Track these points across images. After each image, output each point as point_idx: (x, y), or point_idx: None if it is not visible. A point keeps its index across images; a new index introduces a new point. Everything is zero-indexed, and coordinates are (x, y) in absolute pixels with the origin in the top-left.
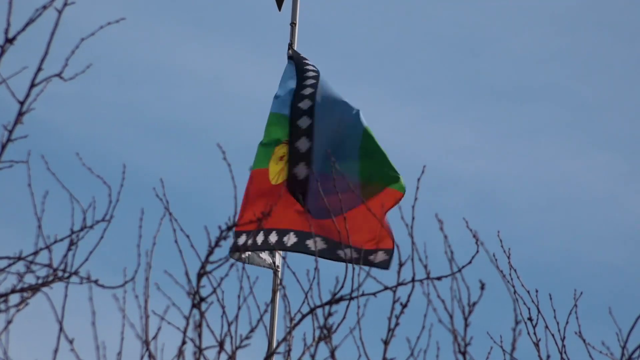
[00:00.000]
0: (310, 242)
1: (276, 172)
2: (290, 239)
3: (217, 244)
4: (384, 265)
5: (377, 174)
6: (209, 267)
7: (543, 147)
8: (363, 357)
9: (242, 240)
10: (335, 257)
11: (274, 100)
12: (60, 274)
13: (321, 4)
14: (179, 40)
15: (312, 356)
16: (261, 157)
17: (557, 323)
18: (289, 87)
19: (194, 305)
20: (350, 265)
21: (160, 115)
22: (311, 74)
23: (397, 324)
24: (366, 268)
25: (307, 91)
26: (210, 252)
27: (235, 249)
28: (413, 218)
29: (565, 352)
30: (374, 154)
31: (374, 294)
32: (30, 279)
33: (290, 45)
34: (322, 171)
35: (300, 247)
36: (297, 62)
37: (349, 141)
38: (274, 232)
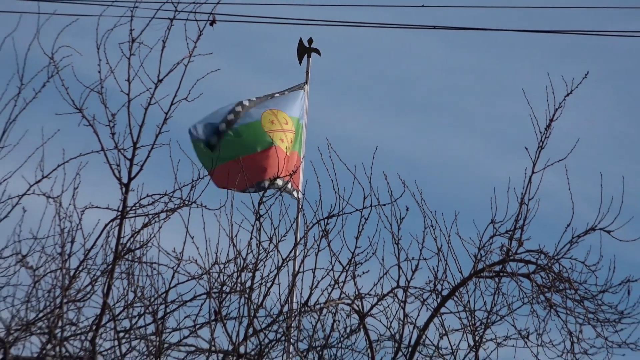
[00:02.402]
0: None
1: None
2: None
3: (268, 188)
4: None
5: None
6: (264, 199)
7: (443, 136)
8: (345, 247)
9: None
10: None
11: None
12: (187, 202)
13: (323, 59)
14: (243, 77)
15: (318, 246)
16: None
17: (447, 228)
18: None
19: (256, 219)
20: (338, 197)
21: None
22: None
23: (362, 229)
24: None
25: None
26: (264, 191)
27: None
28: (371, 174)
29: (450, 243)
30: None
31: (350, 213)
32: (170, 205)
33: (305, 83)
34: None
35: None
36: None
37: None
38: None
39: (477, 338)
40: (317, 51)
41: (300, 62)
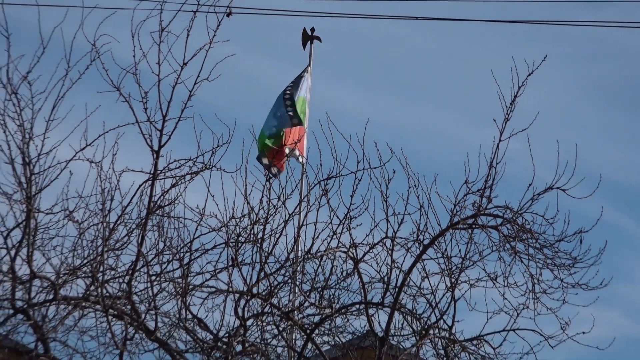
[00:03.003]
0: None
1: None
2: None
3: (277, 152)
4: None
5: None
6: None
7: (424, 109)
8: (341, 204)
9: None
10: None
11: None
12: (208, 166)
13: (323, 45)
14: (255, 60)
15: (319, 203)
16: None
17: (427, 188)
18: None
19: (267, 180)
20: (335, 161)
21: (247, 93)
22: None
23: (356, 188)
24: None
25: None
26: (274, 156)
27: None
28: (364, 142)
29: (430, 201)
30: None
31: (346, 175)
32: (194, 169)
33: (308, 67)
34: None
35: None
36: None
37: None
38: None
39: (453, 280)
40: (319, 38)
41: (304, 48)
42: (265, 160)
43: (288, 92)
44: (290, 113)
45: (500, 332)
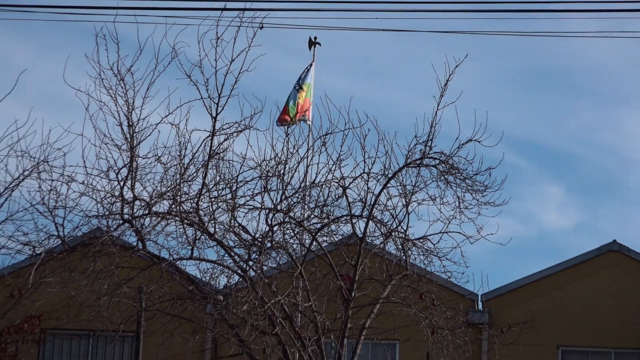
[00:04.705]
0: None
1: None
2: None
3: (292, 120)
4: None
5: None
6: (290, 125)
7: (389, 89)
8: (334, 151)
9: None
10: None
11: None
12: (248, 126)
13: (323, 48)
14: (277, 58)
15: (320, 150)
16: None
17: (390, 140)
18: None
19: (286, 135)
20: (331, 123)
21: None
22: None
23: (344, 140)
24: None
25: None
26: (286, 121)
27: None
28: (349, 110)
29: (392, 149)
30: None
31: (337, 132)
32: (239, 128)
33: (312, 62)
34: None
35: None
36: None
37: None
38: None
39: (407, 200)
40: (319, 43)
41: (309, 50)
42: (287, 118)
43: (297, 84)
44: (297, 88)
45: (438, 234)
